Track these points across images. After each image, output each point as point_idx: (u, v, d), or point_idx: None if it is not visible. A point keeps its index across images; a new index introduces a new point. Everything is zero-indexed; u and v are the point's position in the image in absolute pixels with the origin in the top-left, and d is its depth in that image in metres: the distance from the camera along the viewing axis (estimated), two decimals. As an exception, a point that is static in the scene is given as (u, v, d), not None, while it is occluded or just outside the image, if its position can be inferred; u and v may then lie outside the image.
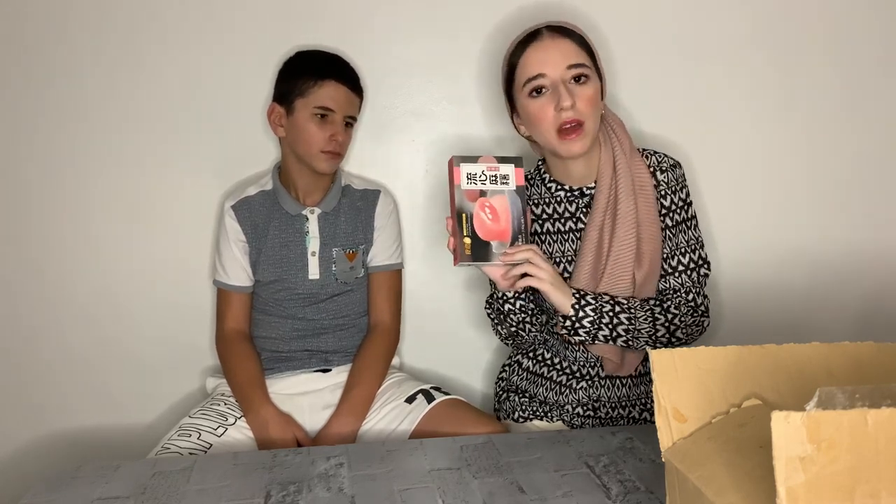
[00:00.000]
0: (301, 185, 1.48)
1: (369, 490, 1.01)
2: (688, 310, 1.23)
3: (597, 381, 1.33)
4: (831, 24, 1.66)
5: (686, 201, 1.26)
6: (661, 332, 1.20)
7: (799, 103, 1.68)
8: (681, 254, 1.25)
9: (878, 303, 1.75)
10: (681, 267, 1.24)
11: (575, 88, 1.18)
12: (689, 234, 1.26)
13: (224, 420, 1.35)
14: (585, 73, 1.19)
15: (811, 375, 0.80)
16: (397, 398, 1.41)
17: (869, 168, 1.71)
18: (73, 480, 1.07)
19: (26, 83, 1.52)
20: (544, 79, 1.18)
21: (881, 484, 0.59)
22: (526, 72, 1.20)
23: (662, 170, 1.25)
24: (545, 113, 1.19)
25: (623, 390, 1.33)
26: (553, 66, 1.18)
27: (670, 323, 1.21)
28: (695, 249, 1.26)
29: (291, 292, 1.46)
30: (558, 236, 1.31)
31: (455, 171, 1.15)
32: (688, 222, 1.26)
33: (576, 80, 1.18)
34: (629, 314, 1.19)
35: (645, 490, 0.98)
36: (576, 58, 1.19)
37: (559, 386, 1.35)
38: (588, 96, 1.18)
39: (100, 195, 1.57)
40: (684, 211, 1.26)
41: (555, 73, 1.18)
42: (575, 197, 1.29)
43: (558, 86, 1.17)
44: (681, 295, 1.24)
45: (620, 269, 1.22)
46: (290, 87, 1.41)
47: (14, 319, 1.58)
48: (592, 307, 1.17)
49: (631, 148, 1.27)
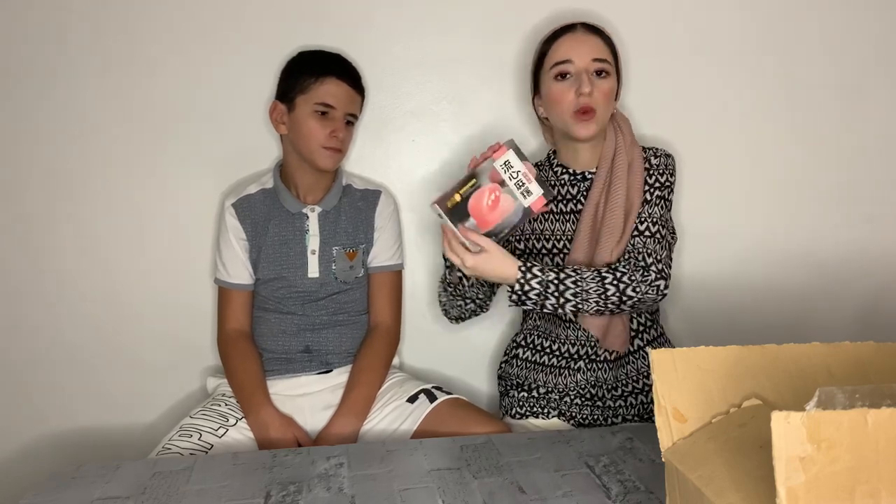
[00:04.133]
0: (302, 183, 1.48)
1: (369, 490, 1.01)
2: (638, 268, 1.27)
3: (595, 362, 1.37)
4: (831, 24, 1.66)
5: (668, 185, 1.36)
6: (612, 292, 1.24)
7: (798, 103, 1.68)
8: (651, 222, 1.32)
9: (878, 303, 1.75)
10: (647, 233, 1.31)
11: (595, 80, 1.31)
12: (663, 212, 1.34)
13: (225, 421, 1.36)
14: (607, 69, 1.32)
15: (811, 375, 0.80)
16: (399, 398, 1.42)
17: (869, 168, 1.71)
18: (73, 480, 1.07)
19: (26, 83, 1.52)
20: (570, 65, 1.31)
21: (881, 484, 0.59)
22: (555, 56, 1.33)
23: (656, 156, 1.37)
24: (566, 95, 1.31)
25: (620, 370, 1.38)
26: (580, 55, 1.31)
27: (619, 281, 1.24)
28: (662, 225, 1.33)
29: (291, 290, 1.46)
30: (560, 216, 1.40)
31: (501, 150, 1.18)
32: (664, 201, 1.35)
33: (597, 74, 1.31)
34: (575, 277, 1.24)
35: (645, 490, 0.98)
36: (601, 53, 1.32)
37: (558, 370, 1.39)
38: (605, 90, 1.31)
39: (100, 194, 1.57)
40: (664, 191, 1.35)
41: (580, 62, 1.31)
42: (577, 181, 1.40)
43: (581, 73, 1.30)
44: (633, 256, 1.30)
45: (611, 242, 1.31)
46: (292, 84, 1.42)
47: (14, 319, 1.58)
48: (538, 279, 1.22)
49: (633, 142, 1.38)
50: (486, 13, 1.59)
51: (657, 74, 1.62)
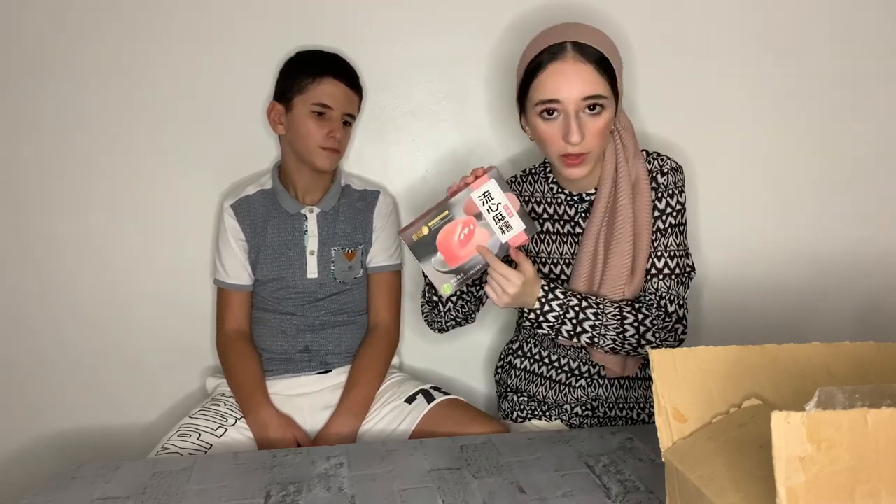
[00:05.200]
0: (300, 183, 1.48)
1: (369, 490, 1.01)
2: (660, 314, 1.21)
3: (596, 379, 1.32)
4: (833, 23, 1.65)
5: (680, 207, 1.26)
6: (630, 333, 1.18)
7: (800, 103, 1.67)
8: (668, 257, 1.24)
9: (878, 303, 1.75)
10: (666, 270, 1.23)
11: (586, 119, 1.15)
12: (680, 240, 1.25)
13: (224, 421, 1.36)
14: (601, 102, 1.15)
15: (811, 375, 0.80)
16: (397, 398, 1.42)
17: (869, 168, 1.71)
18: (73, 480, 1.07)
19: (26, 82, 1.52)
20: (558, 104, 1.15)
21: (881, 484, 0.59)
22: (540, 93, 1.16)
23: (663, 172, 1.25)
24: (553, 137, 1.17)
25: (622, 391, 1.33)
26: (569, 92, 1.14)
27: (640, 324, 1.18)
28: (681, 256, 1.25)
29: (290, 291, 1.46)
30: (557, 237, 1.32)
31: (481, 179, 1.10)
32: (679, 227, 1.25)
33: (590, 109, 1.15)
34: (597, 310, 1.18)
35: (645, 490, 0.98)
36: (593, 88, 1.14)
37: (558, 385, 1.35)
38: (598, 128, 1.16)
39: (99, 195, 1.57)
40: (679, 216, 1.25)
41: (569, 102, 1.14)
42: (575, 202, 1.30)
43: (570, 116, 1.14)
44: (655, 299, 1.22)
45: (616, 279, 1.22)
46: (290, 85, 1.42)
47: (14, 319, 1.58)
48: (559, 302, 1.17)
49: (635, 152, 1.26)
50: (487, 13, 1.58)
51: (660, 73, 1.62)
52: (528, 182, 1.36)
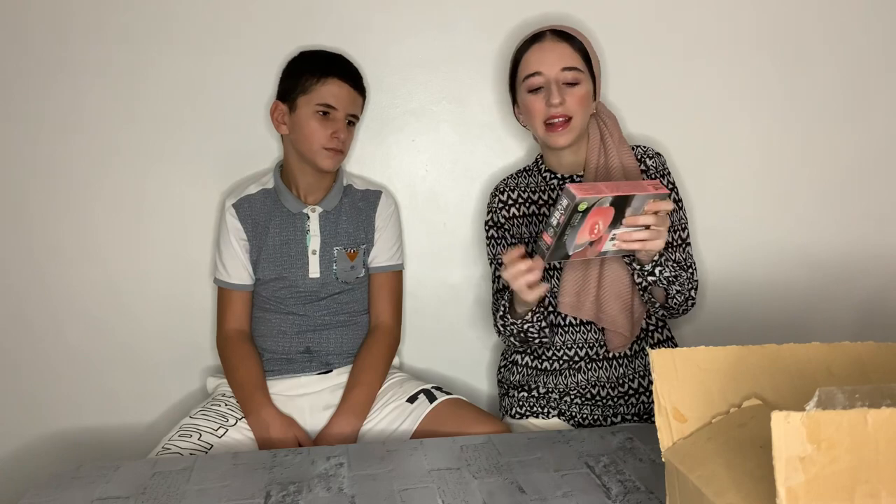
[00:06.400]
0: (303, 183, 1.48)
1: (369, 490, 1.01)
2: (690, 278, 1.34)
3: (595, 361, 1.38)
4: (831, 22, 1.65)
5: (672, 186, 1.38)
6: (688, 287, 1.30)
7: (798, 102, 1.67)
8: (681, 228, 1.37)
9: (878, 303, 1.75)
10: (678, 241, 1.37)
11: (566, 89, 1.30)
12: (680, 214, 1.38)
13: (225, 421, 1.36)
14: (578, 77, 1.31)
15: (811, 375, 0.80)
16: (399, 398, 1.42)
17: (869, 167, 1.71)
18: (73, 480, 1.07)
19: (27, 82, 1.52)
20: (540, 77, 1.31)
21: (881, 484, 0.59)
22: (525, 68, 1.33)
23: (650, 156, 1.38)
24: (537, 107, 1.31)
25: (620, 370, 1.39)
26: (549, 66, 1.30)
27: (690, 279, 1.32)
28: (683, 228, 1.38)
29: (292, 290, 1.46)
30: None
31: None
32: (678, 203, 1.38)
33: (569, 84, 1.30)
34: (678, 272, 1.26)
35: (645, 490, 0.98)
36: (570, 61, 1.30)
37: (559, 372, 1.39)
38: (578, 96, 1.30)
39: (101, 194, 1.57)
40: (674, 192, 1.38)
41: (550, 73, 1.30)
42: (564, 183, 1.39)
43: (551, 84, 1.30)
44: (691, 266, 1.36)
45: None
46: (293, 85, 1.41)
47: (15, 319, 1.58)
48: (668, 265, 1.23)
49: (620, 138, 1.38)
50: (486, 13, 1.59)
51: (658, 75, 1.62)
52: (523, 177, 1.46)
